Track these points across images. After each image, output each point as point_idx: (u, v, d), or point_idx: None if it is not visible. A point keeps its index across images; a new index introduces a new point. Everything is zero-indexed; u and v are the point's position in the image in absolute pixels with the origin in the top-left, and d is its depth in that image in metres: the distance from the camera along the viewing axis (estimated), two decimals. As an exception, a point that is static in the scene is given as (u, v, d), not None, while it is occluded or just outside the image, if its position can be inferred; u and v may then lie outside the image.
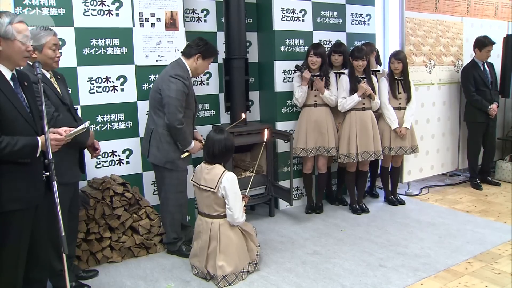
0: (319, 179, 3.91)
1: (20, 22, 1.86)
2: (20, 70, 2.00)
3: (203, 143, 2.93)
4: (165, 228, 3.04)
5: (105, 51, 3.04)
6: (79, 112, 2.94)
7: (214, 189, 2.60)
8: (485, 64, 4.48)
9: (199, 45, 2.89)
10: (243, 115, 3.36)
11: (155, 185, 3.23)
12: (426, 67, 4.38)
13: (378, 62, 4.15)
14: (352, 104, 3.64)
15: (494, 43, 4.41)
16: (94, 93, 3.05)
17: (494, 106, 4.40)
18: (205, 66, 2.98)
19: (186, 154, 2.94)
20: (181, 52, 2.99)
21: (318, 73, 3.68)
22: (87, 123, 2.17)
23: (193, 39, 3.00)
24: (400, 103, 3.86)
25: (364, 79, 3.65)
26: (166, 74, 2.83)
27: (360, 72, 3.67)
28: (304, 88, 3.63)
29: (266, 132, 2.98)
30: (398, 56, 3.81)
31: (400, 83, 3.86)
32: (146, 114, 3.13)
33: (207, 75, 3.74)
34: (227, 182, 2.59)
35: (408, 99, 3.86)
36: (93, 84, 3.04)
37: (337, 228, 3.51)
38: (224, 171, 2.65)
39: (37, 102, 1.98)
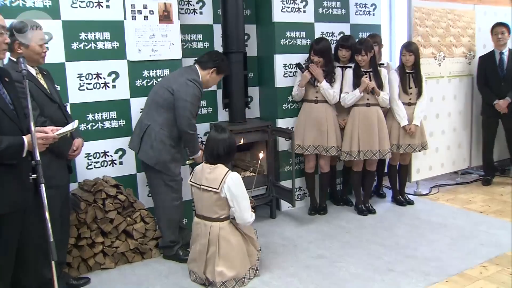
0: (322, 179, 3.84)
1: None
2: (1, 66, 1.95)
3: (203, 148, 2.90)
4: (162, 231, 3.01)
5: (95, 45, 2.99)
6: (68, 111, 2.87)
7: (217, 189, 2.55)
8: (505, 54, 4.23)
9: (216, 60, 2.96)
10: (242, 140, 3.19)
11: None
12: (435, 59, 4.29)
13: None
14: (353, 99, 3.55)
15: (503, 23, 4.21)
16: (84, 90, 3.00)
17: (500, 101, 4.18)
18: (216, 81, 3.07)
19: (191, 161, 2.97)
20: (197, 60, 3.00)
21: (323, 69, 3.60)
22: (76, 122, 2.12)
23: (188, 32, 3.08)
24: (410, 99, 3.75)
25: (367, 73, 3.54)
26: (183, 77, 2.85)
27: (365, 66, 3.55)
28: (301, 89, 3.58)
29: (261, 154, 2.98)
30: (410, 48, 3.70)
31: (411, 76, 3.75)
32: (140, 112, 3.07)
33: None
34: (232, 182, 2.55)
35: (419, 94, 3.76)
36: (82, 80, 2.98)
37: (342, 230, 3.45)
38: (228, 171, 2.61)
39: (20, 99, 1.94)
